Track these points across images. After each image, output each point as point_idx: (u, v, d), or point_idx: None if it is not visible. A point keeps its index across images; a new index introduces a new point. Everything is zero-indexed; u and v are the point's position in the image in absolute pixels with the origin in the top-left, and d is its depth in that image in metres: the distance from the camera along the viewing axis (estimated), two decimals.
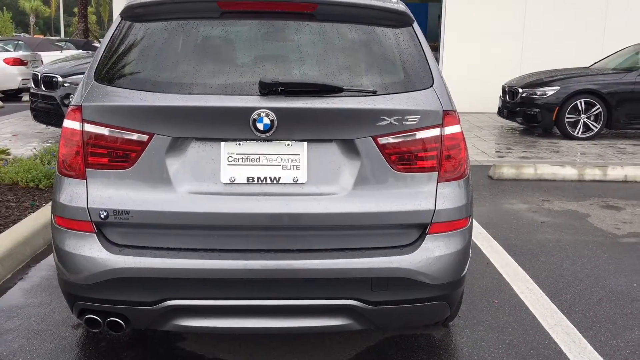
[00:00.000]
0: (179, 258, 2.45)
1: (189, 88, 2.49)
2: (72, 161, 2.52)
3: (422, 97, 2.57)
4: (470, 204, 2.71)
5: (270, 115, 2.41)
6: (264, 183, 2.50)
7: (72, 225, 2.52)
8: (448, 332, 3.33)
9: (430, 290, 2.56)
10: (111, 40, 2.71)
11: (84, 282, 2.49)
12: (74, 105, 2.54)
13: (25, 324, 3.35)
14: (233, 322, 2.58)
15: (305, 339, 3.20)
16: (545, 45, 13.35)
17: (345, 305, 2.53)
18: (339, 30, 2.69)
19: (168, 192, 2.47)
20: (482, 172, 7.43)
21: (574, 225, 5.48)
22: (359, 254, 2.51)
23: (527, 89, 10.16)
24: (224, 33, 2.73)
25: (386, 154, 2.52)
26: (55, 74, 8.93)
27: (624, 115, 9.81)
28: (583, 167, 7.40)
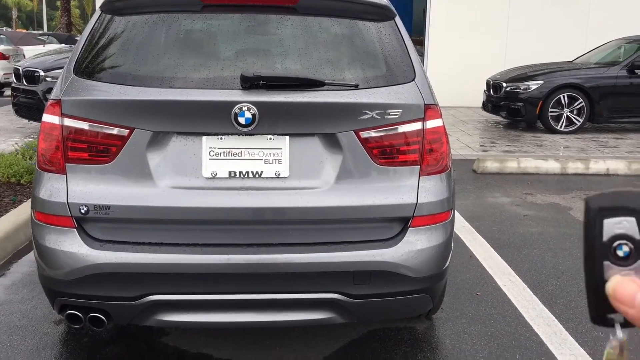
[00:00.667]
0: (161, 253, 2.44)
1: (170, 82, 2.47)
2: (51, 156, 2.50)
3: (403, 91, 2.57)
4: (452, 197, 2.72)
5: (251, 109, 2.40)
6: (246, 177, 2.49)
7: (52, 220, 2.50)
8: (431, 325, 3.36)
9: (412, 283, 2.58)
10: (91, 34, 2.68)
11: (65, 278, 2.47)
12: (53, 99, 2.51)
13: (6, 320, 3.32)
14: (216, 316, 2.58)
15: (289, 333, 3.21)
16: (529, 40, 13.43)
17: (328, 298, 2.53)
18: (321, 24, 2.69)
19: (149, 186, 2.46)
20: (466, 166, 7.47)
21: (557, 218, 5.53)
22: (342, 247, 2.52)
23: (511, 83, 10.22)
24: (206, 27, 2.71)
25: (368, 147, 2.52)
26: (37, 68, 8.84)
27: (607, 109, 9.90)
28: (566, 161, 7.47)
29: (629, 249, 0.51)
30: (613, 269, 0.51)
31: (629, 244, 0.51)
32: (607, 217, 0.52)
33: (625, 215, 0.51)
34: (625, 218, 0.51)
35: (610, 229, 0.51)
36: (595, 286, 0.52)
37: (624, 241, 0.51)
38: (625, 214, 0.51)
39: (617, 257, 0.51)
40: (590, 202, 0.53)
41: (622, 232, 0.51)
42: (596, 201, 0.52)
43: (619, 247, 0.51)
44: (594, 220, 0.52)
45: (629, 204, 0.52)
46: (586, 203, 0.53)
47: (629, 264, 0.51)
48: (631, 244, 0.51)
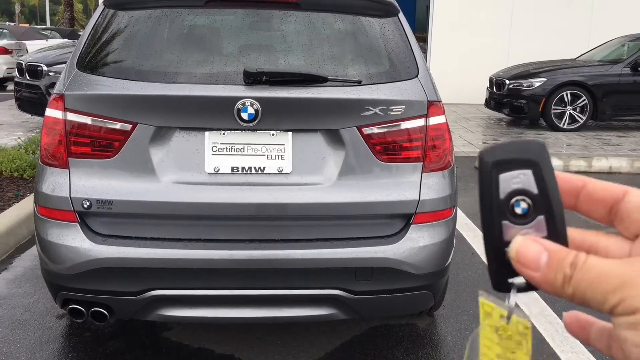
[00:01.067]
0: (163, 248, 2.45)
1: (173, 77, 2.47)
2: (54, 150, 2.50)
3: (406, 88, 2.57)
4: (455, 194, 2.72)
5: (254, 104, 2.40)
6: (249, 173, 2.49)
7: (55, 215, 2.50)
8: (432, 322, 3.36)
9: (414, 280, 2.58)
10: (94, 29, 2.68)
11: (67, 272, 2.47)
12: (56, 93, 2.52)
13: (9, 315, 3.33)
14: (218, 312, 2.58)
15: (291, 329, 3.21)
16: (532, 38, 13.39)
17: (329, 295, 2.53)
18: (324, 20, 2.68)
19: (152, 181, 2.46)
20: (468, 163, 7.46)
21: None
22: (344, 243, 2.52)
23: (514, 80, 10.19)
24: (209, 22, 2.71)
25: (371, 144, 2.52)
26: (40, 62, 8.84)
27: (610, 107, 9.87)
28: (568, 158, 7.46)
29: (527, 205, 0.47)
30: (512, 228, 0.47)
31: (526, 200, 0.47)
32: (503, 172, 0.47)
33: (521, 167, 0.47)
34: (522, 171, 0.47)
35: (507, 185, 0.47)
36: (495, 249, 0.47)
37: (522, 197, 0.47)
38: (521, 166, 0.47)
39: (516, 215, 0.47)
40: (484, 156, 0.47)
41: (519, 187, 0.47)
42: (490, 155, 0.47)
43: (517, 203, 0.47)
44: (489, 176, 0.47)
45: (525, 155, 0.47)
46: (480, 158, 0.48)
47: (528, 221, 0.47)
48: (529, 199, 0.47)
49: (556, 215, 0.47)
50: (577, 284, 0.43)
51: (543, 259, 0.45)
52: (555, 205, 0.47)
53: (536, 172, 0.47)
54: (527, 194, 0.47)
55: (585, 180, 0.50)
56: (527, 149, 0.47)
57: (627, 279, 0.41)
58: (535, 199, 0.47)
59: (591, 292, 0.42)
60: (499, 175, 0.47)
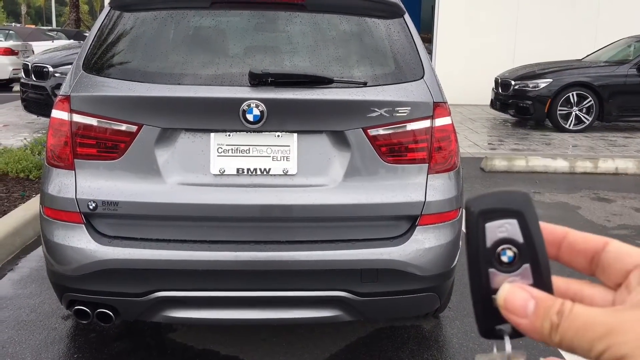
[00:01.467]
0: (169, 249, 2.45)
1: (179, 78, 2.47)
2: (60, 152, 2.50)
3: (412, 89, 2.56)
4: (461, 195, 2.71)
5: (260, 106, 2.40)
6: (254, 174, 2.49)
7: (61, 216, 2.51)
8: (438, 323, 3.35)
9: (420, 282, 2.57)
10: (100, 30, 2.69)
11: (73, 273, 2.48)
12: (62, 95, 2.52)
13: (15, 315, 3.34)
14: (223, 313, 2.58)
15: (296, 330, 3.21)
16: (538, 38, 13.36)
17: (335, 296, 2.53)
18: (329, 21, 2.68)
19: (157, 183, 2.46)
20: (474, 164, 7.44)
21: (565, 217, 5.51)
22: (349, 245, 2.51)
23: (519, 81, 10.16)
24: (214, 23, 2.71)
25: (376, 145, 2.52)
26: (46, 64, 8.87)
27: (616, 107, 9.84)
28: (574, 160, 7.43)
29: (513, 254, 0.48)
30: (499, 276, 0.48)
31: (512, 248, 0.48)
32: (489, 221, 0.49)
33: (507, 217, 0.49)
34: (507, 220, 0.49)
35: (493, 234, 0.49)
36: (483, 297, 0.49)
37: (508, 245, 0.48)
38: (507, 215, 0.49)
39: (502, 263, 0.48)
40: (470, 205, 0.49)
41: (505, 236, 0.48)
42: (476, 204, 0.49)
43: (503, 252, 0.48)
44: (475, 225, 0.49)
45: (510, 205, 0.49)
46: (466, 207, 0.50)
47: (514, 269, 0.48)
48: (515, 247, 0.48)
49: (541, 263, 0.48)
50: (564, 331, 0.44)
51: (530, 306, 0.46)
52: (541, 254, 0.48)
53: (521, 221, 0.48)
54: (513, 243, 0.49)
55: (566, 231, 0.51)
56: (512, 199, 0.49)
57: (613, 327, 0.42)
58: (521, 247, 0.48)
59: (578, 339, 0.43)
60: (485, 224, 0.49)
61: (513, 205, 0.49)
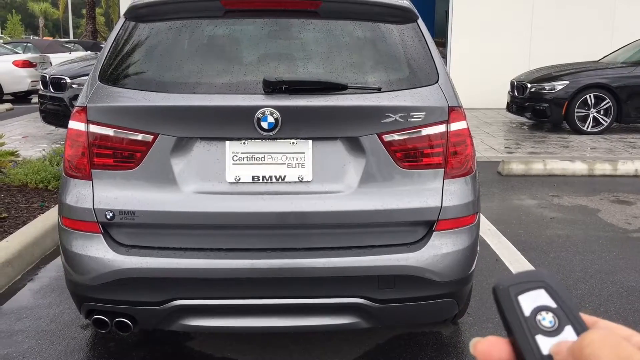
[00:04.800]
0: (185, 258, 2.45)
1: (193, 88, 2.49)
2: (77, 162, 2.53)
3: (427, 94, 2.55)
4: (478, 200, 2.69)
5: (274, 113, 2.40)
6: (269, 182, 2.49)
7: (79, 226, 2.52)
8: (457, 330, 3.32)
9: (438, 288, 2.55)
10: (115, 41, 2.71)
11: (91, 283, 2.49)
12: (79, 106, 2.54)
13: (35, 325, 3.37)
14: (240, 321, 2.58)
15: (314, 337, 3.20)
16: (553, 40, 13.25)
17: (352, 303, 2.52)
18: (343, 27, 2.68)
19: (173, 192, 2.47)
20: (491, 168, 7.39)
21: (584, 220, 5.44)
22: (366, 251, 2.50)
23: (535, 84, 10.08)
24: (228, 32, 2.72)
25: (392, 151, 2.51)
26: (64, 75, 8.97)
27: (634, 109, 9.72)
28: (593, 162, 7.34)
29: (552, 318, 0.50)
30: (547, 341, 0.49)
31: (550, 313, 0.50)
32: (520, 294, 0.51)
33: (535, 288, 0.51)
34: (536, 291, 0.51)
35: (528, 304, 0.51)
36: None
37: (545, 311, 0.50)
38: (534, 287, 0.51)
39: (546, 329, 0.50)
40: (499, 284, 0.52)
41: (539, 304, 0.51)
42: (504, 282, 0.52)
43: (543, 318, 0.50)
44: (509, 299, 0.51)
45: (534, 278, 0.52)
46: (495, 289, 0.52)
47: (559, 332, 0.49)
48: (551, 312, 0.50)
49: (581, 322, 0.50)
50: None
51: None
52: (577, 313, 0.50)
53: (548, 289, 0.51)
54: (548, 309, 0.50)
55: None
56: (533, 274, 0.52)
57: None
58: (557, 311, 0.50)
59: None
60: (518, 297, 0.51)
61: (537, 277, 0.52)
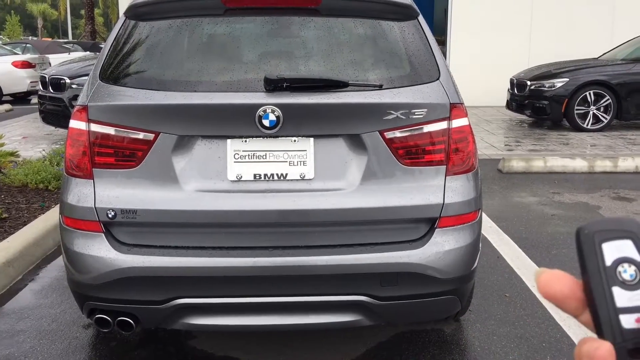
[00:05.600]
0: (187, 256, 2.45)
1: (194, 86, 2.48)
2: (79, 161, 2.52)
3: (428, 91, 2.54)
4: (480, 197, 2.69)
5: (275, 111, 2.40)
6: (271, 180, 2.49)
7: (80, 225, 2.52)
8: (459, 327, 3.32)
9: (440, 285, 2.55)
10: (116, 40, 2.70)
11: (93, 282, 2.49)
12: (79, 105, 2.54)
13: (37, 325, 3.36)
14: (242, 319, 2.57)
15: (316, 335, 3.19)
16: (553, 37, 13.24)
17: (355, 301, 2.51)
18: (343, 24, 2.67)
19: (175, 190, 2.47)
20: (491, 166, 7.38)
21: (585, 217, 5.44)
22: (368, 249, 2.50)
23: (535, 81, 10.08)
24: (228, 30, 2.72)
25: (393, 148, 2.50)
26: (63, 75, 8.96)
27: (634, 105, 9.71)
28: (593, 159, 7.34)
29: (634, 271, 0.48)
30: (624, 294, 0.48)
31: (632, 266, 0.48)
32: (605, 242, 0.49)
33: (621, 238, 0.49)
34: (622, 241, 0.49)
35: (611, 253, 0.49)
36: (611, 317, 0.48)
37: (628, 263, 0.49)
38: (621, 236, 0.49)
39: (625, 282, 0.48)
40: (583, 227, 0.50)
41: (623, 255, 0.49)
42: (590, 227, 0.50)
43: (624, 270, 0.48)
44: (592, 245, 0.49)
45: (622, 227, 0.50)
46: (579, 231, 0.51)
47: (637, 286, 0.48)
48: (634, 265, 0.49)
49: None
50: None
51: None
52: None
53: (636, 241, 0.49)
54: (632, 262, 0.49)
55: None
56: (623, 222, 0.50)
57: None
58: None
59: None
60: (602, 244, 0.49)
61: (625, 226, 0.50)
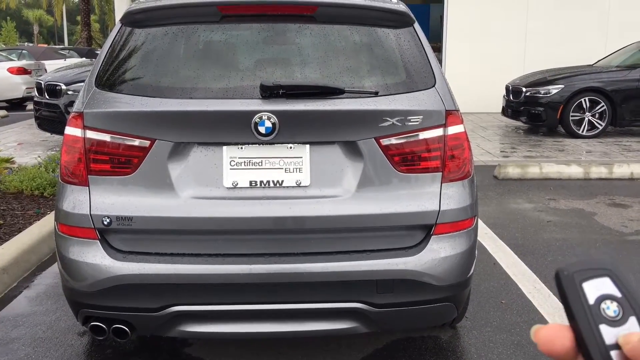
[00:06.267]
0: (183, 263, 2.44)
1: (190, 93, 2.48)
2: (74, 168, 2.52)
3: (424, 98, 2.55)
4: (475, 204, 2.69)
5: (271, 118, 2.40)
6: (267, 187, 2.48)
7: (76, 232, 2.51)
8: (455, 334, 3.31)
9: (436, 292, 2.54)
10: (112, 47, 2.70)
11: (88, 289, 2.48)
12: (75, 112, 2.53)
13: (31, 332, 3.34)
14: (238, 327, 2.56)
15: (312, 343, 3.18)
16: (548, 44, 13.30)
17: (351, 308, 2.51)
18: (339, 32, 2.68)
19: (171, 197, 2.46)
20: (487, 172, 7.40)
21: (581, 223, 5.45)
22: (364, 256, 2.49)
23: (530, 88, 10.11)
24: (225, 37, 2.72)
25: (389, 155, 2.50)
26: (59, 82, 8.95)
27: (629, 112, 9.75)
28: (589, 165, 7.36)
29: (617, 307, 0.50)
30: (611, 331, 0.49)
31: (614, 302, 0.50)
32: (584, 281, 0.51)
33: (599, 276, 0.51)
34: (601, 279, 0.51)
35: (592, 292, 0.50)
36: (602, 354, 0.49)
37: (609, 300, 0.50)
38: (599, 274, 0.51)
39: (609, 318, 0.49)
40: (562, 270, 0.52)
41: (603, 293, 0.50)
42: (569, 268, 0.52)
43: (607, 307, 0.50)
44: (573, 286, 0.51)
45: (598, 265, 0.51)
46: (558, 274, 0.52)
47: (622, 322, 0.49)
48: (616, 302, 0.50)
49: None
50: None
51: None
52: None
53: (613, 277, 0.51)
54: (613, 298, 0.50)
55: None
56: (598, 261, 0.52)
57: None
58: (621, 301, 0.50)
59: None
60: (582, 284, 0.51)
61: (602, 264, 0.51)
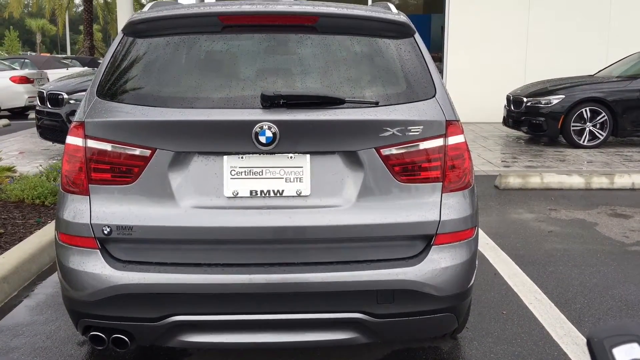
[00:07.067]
0: (183, 273, 2.44)
1: (191, 102, 2.49)
2: (75, 177, 2.52)
3: (424, 108, 2.56)
4: (476, 214, 2.69)
5: (272, 127, 2.41)
6: (267, 196, 2.49)
7: (76, 241, 2.51)
8: (456, 344, 3.30)
9: (436, 302, 2.54)
10: (113, 56, 2.71)
11: (88, 299, 2.47)
12: (76, 121, 2.54)
13: (31, 342, 3.33)
14: (238, 337, 2.56)
15: (312, 353, 3.17)
16: (549, 54, 13.33)
17: (351, 318, 2.50)
18: (340, 42, 2.69)
19: (171, 206, 2.46)
20: (488, 182, 7.39)
21: (582, 234, 5.44)
22: (364, 266, 2.49)
23: (531, 98, 10.13)
24: (226, 47, 2.73)
25: (390, 165, 2.51)
26: (61, 91, 8.98)
27: (630, 122, 9.76)
28: (590, 176, 7.36)
29: None
30: None
31: None
32: (615, 347, 0.52)
33: (629, 342, 0.52)
34: (629, 345, 0.51)
35: (622, 357, 0.51)
36: None
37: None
38: (628, 340, 0.52)
39: None
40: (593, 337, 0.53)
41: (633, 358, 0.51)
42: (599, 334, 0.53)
43: None
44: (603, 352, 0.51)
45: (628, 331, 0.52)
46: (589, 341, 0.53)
47: None
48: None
49: None
50: None
51: None
52: None
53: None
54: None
55: None
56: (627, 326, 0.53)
57: None
58: None
59: None
60: (612, 350, 0.52)
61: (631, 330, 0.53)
